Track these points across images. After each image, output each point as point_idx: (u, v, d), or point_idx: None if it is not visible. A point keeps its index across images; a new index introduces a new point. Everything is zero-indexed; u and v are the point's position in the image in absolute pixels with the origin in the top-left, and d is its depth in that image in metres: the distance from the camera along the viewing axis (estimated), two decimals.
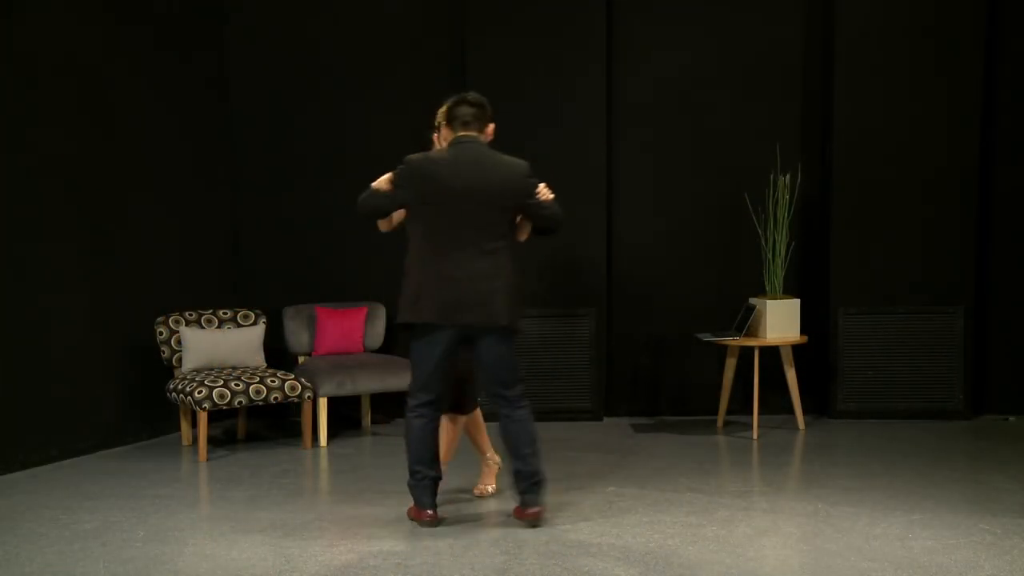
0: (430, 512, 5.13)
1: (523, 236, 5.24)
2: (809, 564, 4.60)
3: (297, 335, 7.41)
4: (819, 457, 6.55)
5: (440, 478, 5.19)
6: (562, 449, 6.77)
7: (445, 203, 4.93)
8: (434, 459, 5.14)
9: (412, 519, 5.19)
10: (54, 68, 6.53)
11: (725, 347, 7.33)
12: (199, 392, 6.49)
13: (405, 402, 5.16)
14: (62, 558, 4.75)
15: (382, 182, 5.06)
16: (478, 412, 5.59)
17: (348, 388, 7.00)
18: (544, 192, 5.12)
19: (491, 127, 5.14)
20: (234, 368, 6.96)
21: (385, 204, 5.05)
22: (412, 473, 5.13)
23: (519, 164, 5.07)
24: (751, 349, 7.13)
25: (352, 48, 7.82)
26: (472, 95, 5.12)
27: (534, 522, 5.10)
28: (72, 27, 6.66)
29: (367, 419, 7.55)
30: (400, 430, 5.96)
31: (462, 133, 5.04)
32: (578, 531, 5.05)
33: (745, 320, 7.10)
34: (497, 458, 5.69)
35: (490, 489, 5.69)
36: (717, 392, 7.47)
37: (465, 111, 5.04)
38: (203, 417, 6.55)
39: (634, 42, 7.68)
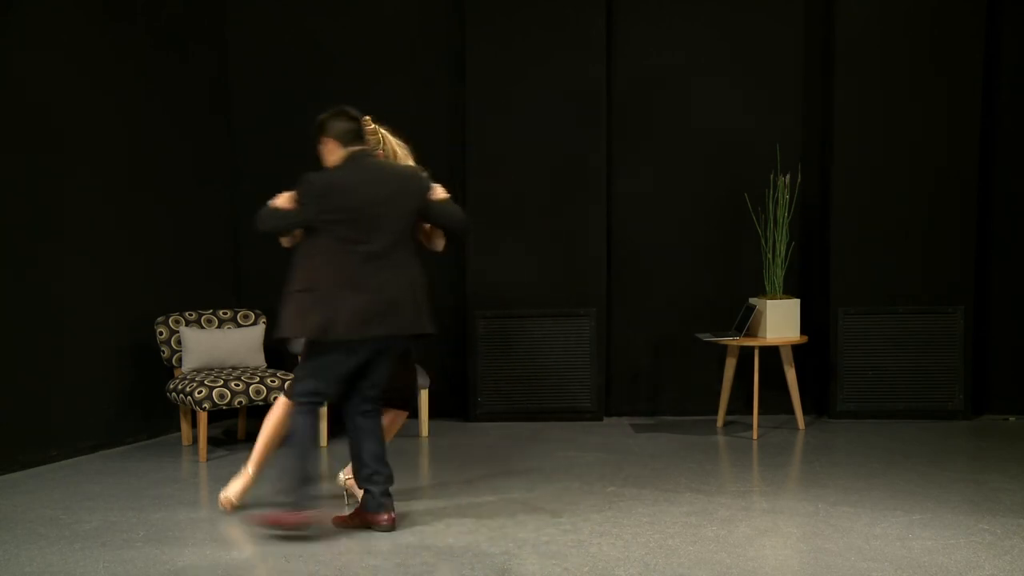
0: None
1: (439, 245, 5.27)
2: (809, 564, 4.60)
3: None
4: (819, 457, 6.55)
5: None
6: (562, 449, 6.78)
7: (353, 216, 4.93)
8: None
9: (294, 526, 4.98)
10: (54, 67, 6.52)
11: (725, 347, 7.32)
12: (199, 392, 6.49)
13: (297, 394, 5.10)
14: (62, 558, 4.75)
15: (283, 200, 5.07)
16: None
17: None
18: (439, 191, 5.13)
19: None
20: (234, 368, 6.96)
21: (290, 222, 5.07)
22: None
23: (411, 167, 5.18)
24: (751, 349, 7.12)
25: (352, 48, 7.81)
26: (353, 111, 5.10)
27: (389, 527, 5.06)
28: (72, 26, 6.65)
29: None
30: (400, 431, 5.97)
31: (356, 147, 5.04)
32: (578, 531, 5.06)
33: (745, 320, 7.10)
34: None
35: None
36: (717, 392, 7.47)
37: (353, 126, 5.04)
38: (203, 417, 6.55)
39: (634, 41, 7.68)
